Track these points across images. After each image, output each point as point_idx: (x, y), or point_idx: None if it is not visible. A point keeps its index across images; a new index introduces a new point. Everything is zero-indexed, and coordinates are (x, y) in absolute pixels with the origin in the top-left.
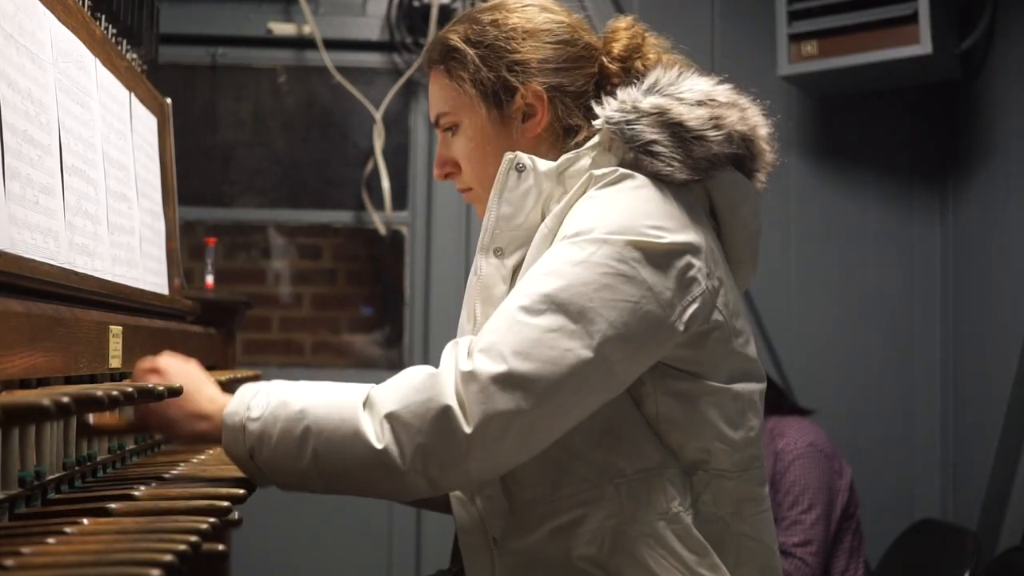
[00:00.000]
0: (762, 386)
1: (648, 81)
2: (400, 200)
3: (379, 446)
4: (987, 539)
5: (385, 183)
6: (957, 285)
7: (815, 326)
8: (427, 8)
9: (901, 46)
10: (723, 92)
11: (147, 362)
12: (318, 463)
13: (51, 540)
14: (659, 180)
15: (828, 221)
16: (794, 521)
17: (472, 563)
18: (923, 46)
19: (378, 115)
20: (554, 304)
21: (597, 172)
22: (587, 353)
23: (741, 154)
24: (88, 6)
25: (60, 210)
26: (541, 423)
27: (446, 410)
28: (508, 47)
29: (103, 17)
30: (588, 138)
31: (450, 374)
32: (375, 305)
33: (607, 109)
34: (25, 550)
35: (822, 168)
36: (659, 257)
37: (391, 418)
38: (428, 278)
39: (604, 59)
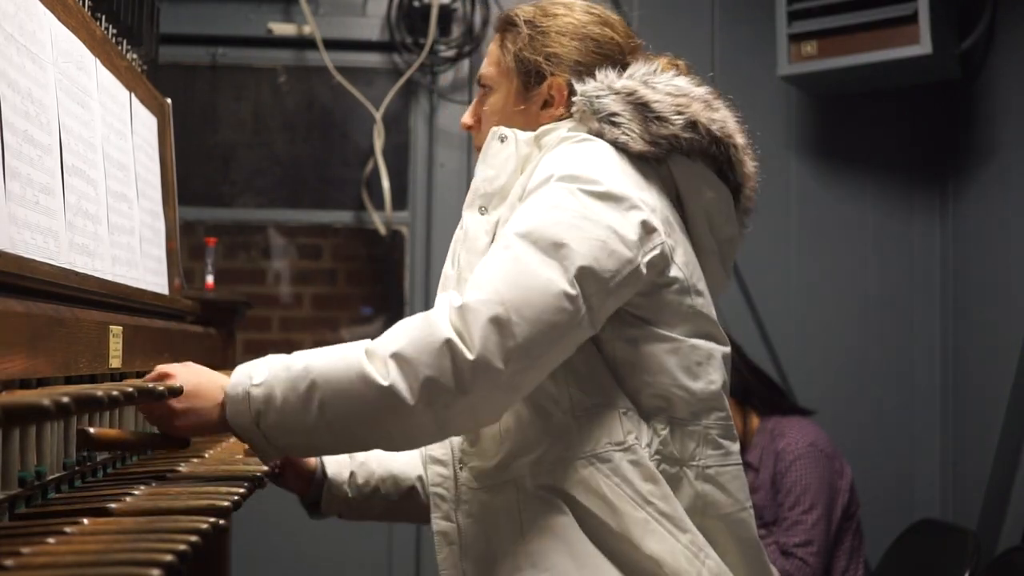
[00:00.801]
0: (725, 349)
1: (628, 70)
2: (400, 200)
3: (385, 383)
4: (987, 539)
5: (385, 183)
6: (957, 285)
7: (815, 326)
8: (427, 8)
9: (901, 46)
10: (701, 92)
11: (152, 374)
12: (325, 413)
13: (51, 540)
14: (622, 151)
15: (828, 221)
16: (795, 521)
17: (435, 492)
18: (923, 46)
19: (378, 115)
20: (530, 240)
21: (565, 134)
22: (565, 283)
23: (712, 152)
24: (88, 6)
25: (60, 210)
26: (535, 351)
27: (447, 342)
28: (554, 40)
29: (103, 17)
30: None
31: (444, 311)
32: (375, 305)
33: (585, 85)
34: (25, 550)
35: (822, 168)
36: (620, 204)
37: (395, 357)
38: (428, 278)
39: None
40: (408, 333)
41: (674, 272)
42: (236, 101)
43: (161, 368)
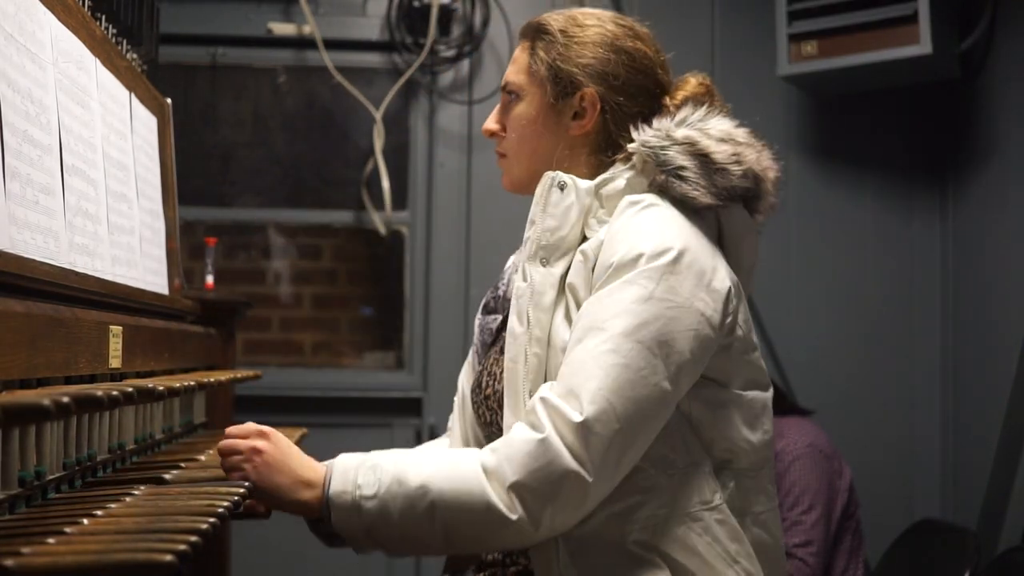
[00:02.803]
0: (770, 394)
1: (679, 116)
2: (400, 200)
3: (513, 517)
4: (987, 539)
5: (385, 183)
6: (957, 285)
7: (815, 326)
8: (427, 8)
9: (901, 46)
10: (742, 133)
11: (251, 426)
12: (448, 535)
13: (51, 540)
14: (681, 205)
15: (828, 221)
16: (795, 522)
17: (537, 548)
18: (923, 46)
19: (378, 115)
20: (635, 340)
21: (631, 198)
22: (668, 385)
23: (750, 190)
24: (88, 6)
25: (60, 210)
26: (639, 450)
27: (568, 472)
28: (589, 51)
29: (103, 17)
30: (623, 158)
31: (555, 434)
32: (375, 305)
33: (643, 134)
34: (25, 550)
35: (822, 168)
36: (703, 281)
37: (518, 488)
38: (428, 278)
39: (667, 100)
40: (528, 464)
41: (738, 332)
42: (236, 101)
43: (262, 428)
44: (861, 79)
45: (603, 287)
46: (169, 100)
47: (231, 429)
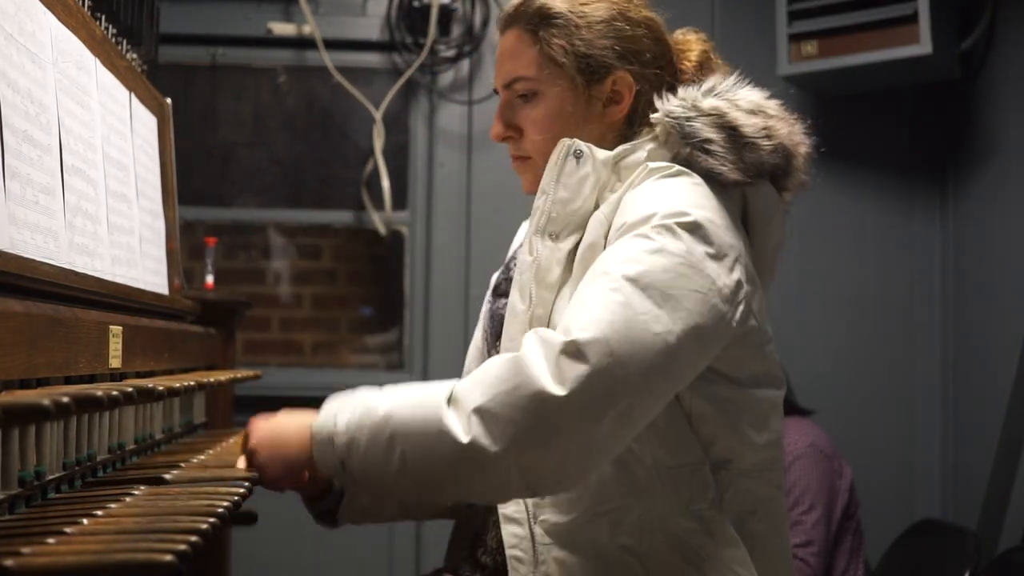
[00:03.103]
0: (783, 391)
1: (707, 84)
2: (400, 200)
3: (465, 440)
4: (987, 539)
5: (385, 183)
6: (957, 285)
7: (815, 326)
8: (427, 8)
9: (901, 46)
10: (773, 105)
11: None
12: (407, 466)
13: (51, 540)
14: (708, 180)
15: (828, 221)
16: (795, 522)
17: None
18: (923, 46)
19: (378, 115)
20: (639, 286)
21: (653, 165)
22: (673, 340)
23: (779, 167)
24: (88, 6)
25: (60, 210)
26: (633, 411)
27: (537, 391)
28: (608, 29)
29: (103, 17)
30: (645, 130)
31: (538, 353)
32: (375, 305)
33: (668, 103)
34: (25, 550)
35: (822, 168)
36: (720, 254)
37: (479, 411)
38: (428, 278)
39: (684, 64)
40: (495, 384)
41: (751, 322)
42: (236, 101)
43: (248, 431)
44: (861, 79)
45: (613, 240)
46: (169, 100)
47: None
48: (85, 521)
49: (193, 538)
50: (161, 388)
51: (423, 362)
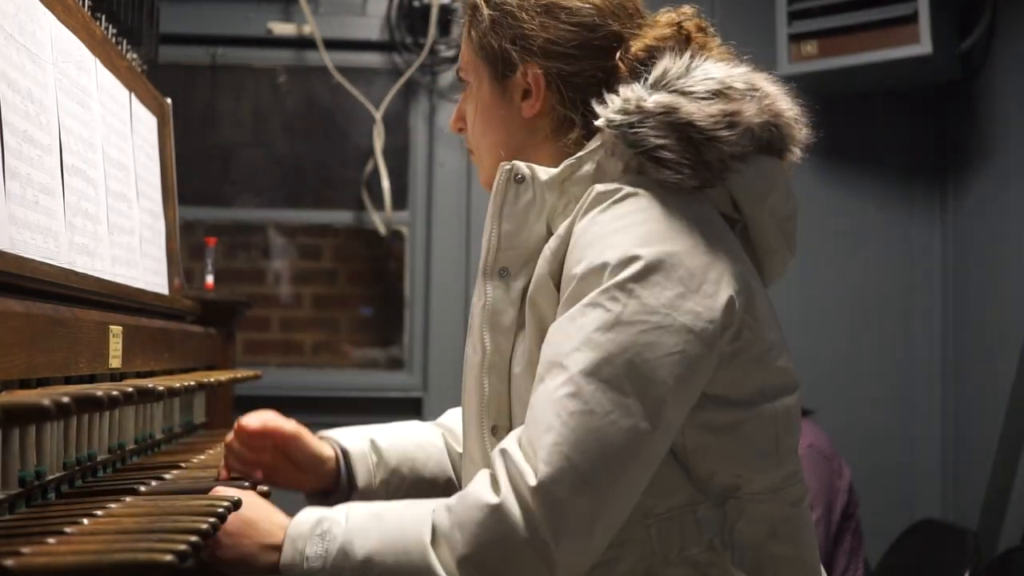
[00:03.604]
0: (796, 396)
1: (655, 73)
2: (400, 200)
3: None
4: (987, 539)
5: (385, 183)
6: (957, 285)
7: (815, 326)
8: (427, 8)
9: (901, 46)
10: (740, 77)
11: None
12: None
13: (51, 540)
14: (666, 189)
15: (828, 221)
16: None
17: None
18: (923, 46)
19: (378, 115)
20: (600, 379)
21: (600, 188)
22: (647, 425)
23: (768, 139)
24: (88, 6)
25: (60, 210)
26: (619, 508)
27: (525, 545)
28: (518, 18)
29: (103, 17)
30: (582, 137)
31: (513, 500)
32: (375, 305)
33: (608, 110)
34: (25, 550)
35: (822, 168)
36: (693, 281)
37: (467, 564)
38: (428, 278)
39: (619, 53)
40: (479, 535)
41: (746, 334)
42: (236, 101)
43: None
44: (861, 79)
45: (565, 308)
46: (169, 100)
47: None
48: (85, 521)
49: (193, 538)
50: (161, 388)
51: (423, 362)
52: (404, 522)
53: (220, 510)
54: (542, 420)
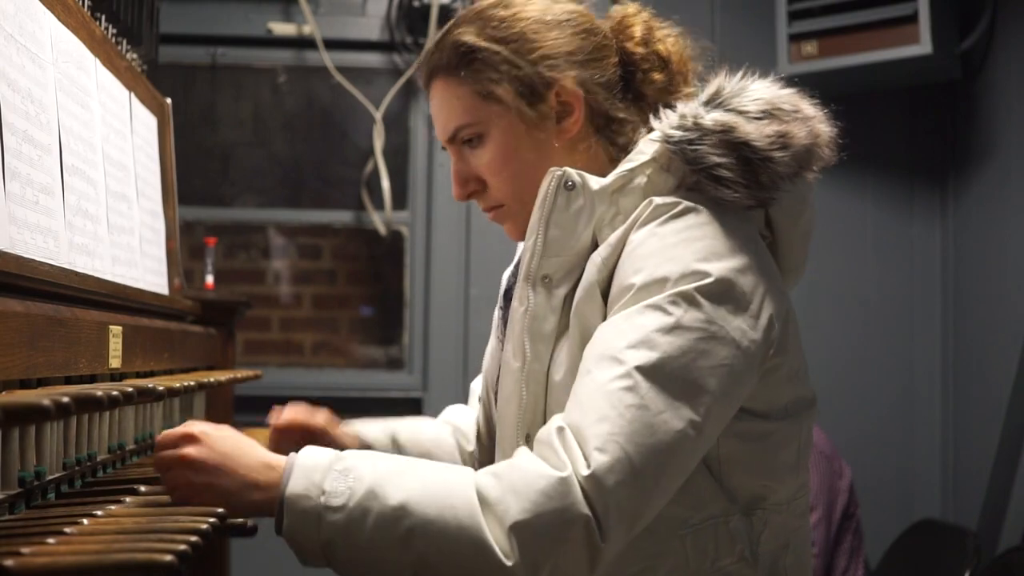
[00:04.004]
0: (815, 411)
1: (709, 90)
2: (400, 200)
3: (508, 563)
4: (987, 539)
5: (385, 183)
6: (957, 285)
7: (815, 326)
8: (427, 8)
9: (901, 46)
10: (787, 99)
11: (177, 430)
12: (423, 569)
13: (51, 540)
14: (720, 207)
15: (828, 221)
16: None
17: None
18: (923, 46)
19: (378, 115)
20: (656, 380)
21: (659, 201)
22: (693, 432)
23: (806, 160)
24: (88, 6)
25: (60, 210)
26: (655, 506)
27: (583, 519)
28: (536, 39)
29: (103, 17)
30: (633, 140)
31: (573, 477)
32: (375, 305)
33: (665, 125)
34: (25, 550)
35: (822, 168)
36: (745, 298)
37: (520, 529)
38: (428, 278)
39: (627, 44)
40: (541, 501)
41: (783, 353)
42: (236, 101)
43: (188, 427)
44: (861, 79)
45: (620, 311)
46: (169, 100)
47: (160, 437)
48: (85, 521)
49: (193, 538)
50: (161, 388)
51: (423, 362)
52: (447, 476)
53: (220, 510)
54: (594, 409)
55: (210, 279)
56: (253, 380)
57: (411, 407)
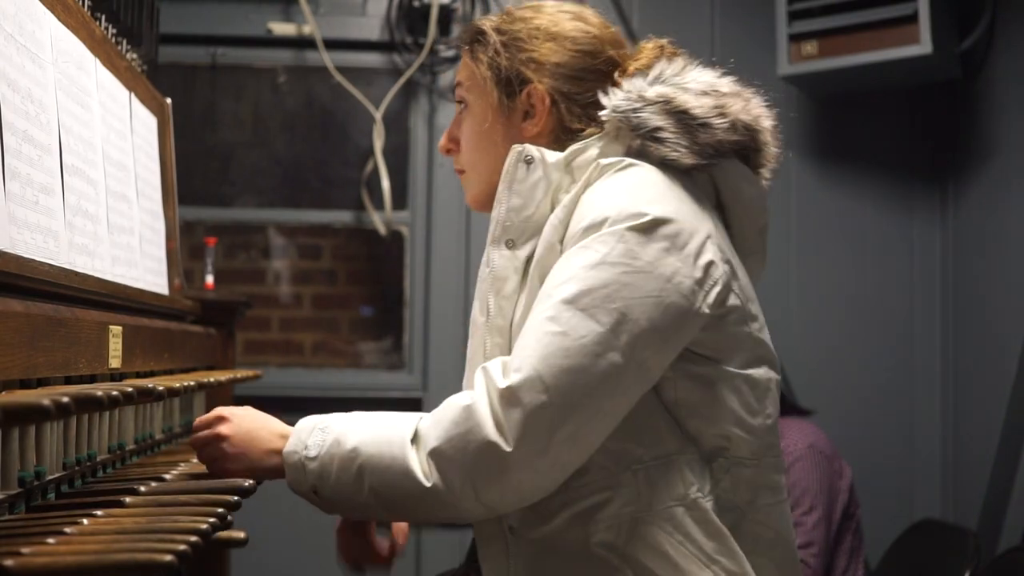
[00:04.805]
0: (777, 375)
1: (653, 73)
2: (400, 200)
3: (427, 484)
4: (987, 539)
5: (385, 183)
6: (957, 285)
7: (815, 326)
8: (427, 8)
9: (901, 46)
10: (726, 83)
11: (210, 414)
12: (377, 498)
13: (51, 540)
14: (665, 167)
15: (828, 221)
16: (795, 523)
17: (487, 552)
18: (923, 46)
19: (378, 115)
20: (577, 307)
21: (605, 161)
22: (618, 358)
23: (745, 144)
24: (88, 6)
25: (60, 210)
26: (581, 432)
27: (485, 441)
28: (528, 43)
29: (103, 17)
30: (592, 132)
31: (484, 401)
32: (375, 305)
33: (613, 99)
34: (25, 550)
35: (822, 168)
36: (679, 243)
37: (435, 455)
38: (428, 278)
39: (616, 75)
40: (449, 429)
41: (732, 301)
42: (236, 101)
43: (219, 411)
44: (861, 79)
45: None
46: (169, 100)
47: (197, 421)
48: (85, 521)
49: (193, 538)
50: (161, 388)
51: (423, 362)
52: (393, 421)
53: (220, 510)
54: (522, 342)
55: (210, 279)
56: (253, 380)
57: (411, 407)
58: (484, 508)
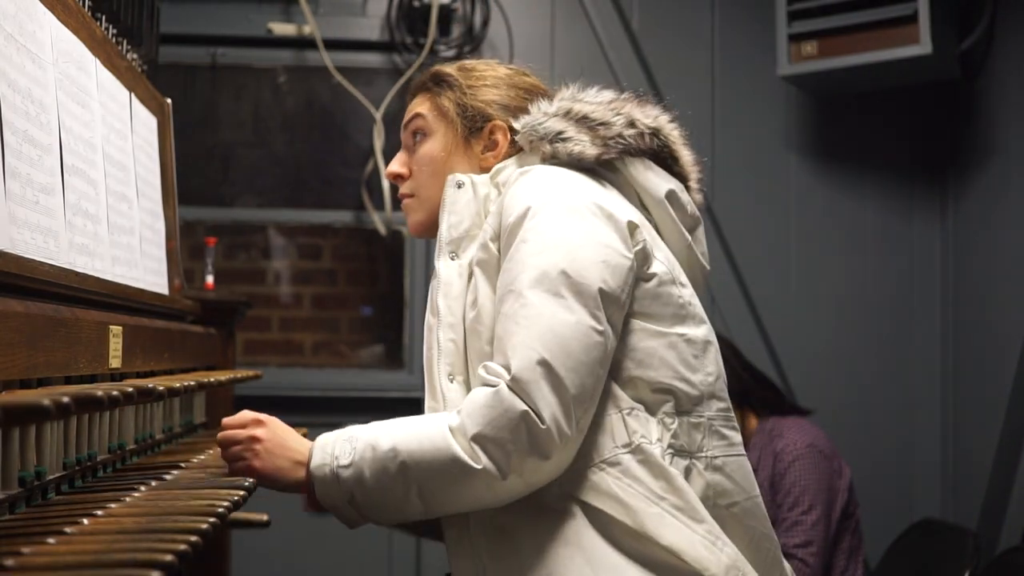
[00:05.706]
0: (704, 331)
1: (558, 96)
2: (400, 200)
3: (478, 466)
4: (987, 539)
5: (385, 183)
6: (957, 285)
7: (815, 326)
8: (427, 8)
9: (901, 46)
10: (625, 96)
11: (247, 414)
12: (421, 493)
13: (51, 540)
14: (581, 169)
15: (828, 221)
16: (795, 522)
17: (449, 520)
18: (923, 46)
19: (378, 115)
20: (542, 288)
21: (519, 170)
22: (589, 317)
23: (658, 152)
24: (88, 6)
25: (60, 210)
26: (588, 393)
27: (524, 415)
28: (489, 89)
29: (103, 17)
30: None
31: (504, 387)
32: (375, 305)
33: (522, 121)
34: (25, 550)
35: (822, 168)
36: (601, 213)
37: (479, 439)
38: (428, 278)
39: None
40: (485, 413)
41: (655, 267)
42: (236, 101)
43: (253, 414)
44: (861, 79)
45: (506, 254)
46: (169, 100)
47: (227, 420)
48: (85, 521)
49: (193, 538)
50: (161, 388)
51: (423, 362)
52: (420, 420)
53: (220, 510)
54: (505, 334)
55: (210, 279)
56: (253, 380)
57: (411, 407)
58: (525, 485)
